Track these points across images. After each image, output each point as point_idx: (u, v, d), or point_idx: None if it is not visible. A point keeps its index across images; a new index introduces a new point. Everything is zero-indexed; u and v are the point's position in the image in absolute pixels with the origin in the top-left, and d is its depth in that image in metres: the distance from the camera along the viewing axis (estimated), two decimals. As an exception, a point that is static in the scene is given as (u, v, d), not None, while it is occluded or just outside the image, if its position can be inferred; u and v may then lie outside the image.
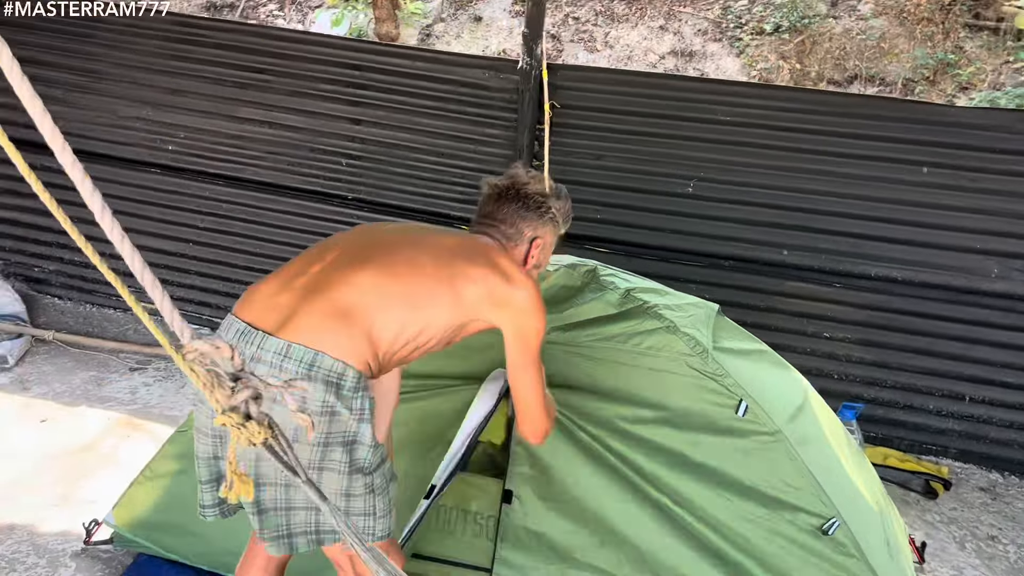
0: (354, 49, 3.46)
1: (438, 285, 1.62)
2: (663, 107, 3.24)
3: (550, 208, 1.86)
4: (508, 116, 3.34)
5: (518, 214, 1.84)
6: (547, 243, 1.89)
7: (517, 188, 1.86)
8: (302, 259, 1.66)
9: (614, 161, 3.32)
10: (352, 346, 1.54)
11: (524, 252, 1.85)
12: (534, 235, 1.84)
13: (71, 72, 3.78)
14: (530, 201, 1.86)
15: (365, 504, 1.64)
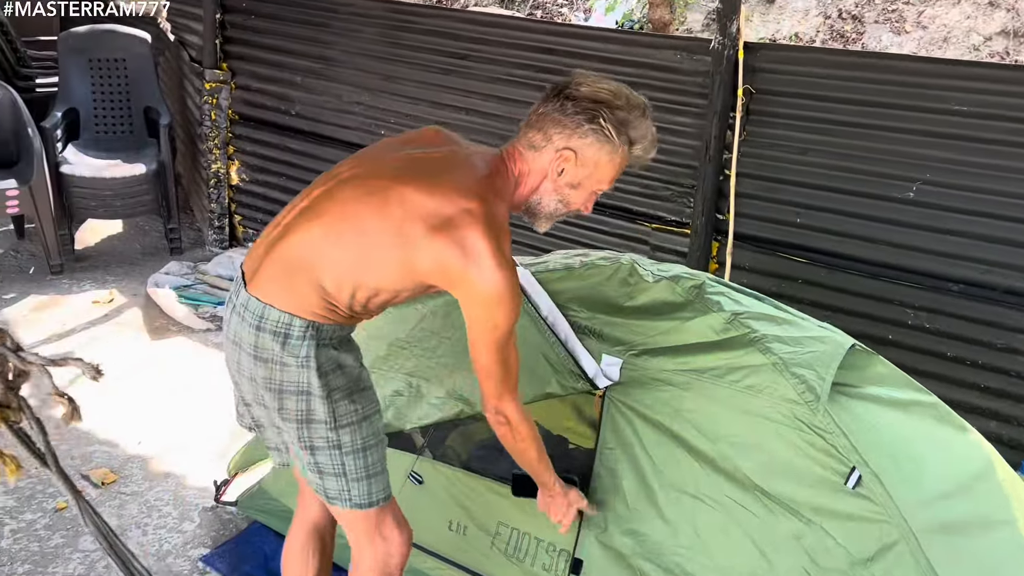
0: (546, 32, 3.31)
1: (384, 251, 1.51)
2: (882, 93, 2.69)
3: (599, 115, 1.49)
4: (699, 102, 2.98)
5: (552, 116, 1.52)
6: (587, 161, 1.52)
7: (566, 85, 1.54)
8: (288, 206, 1.67)
9: (821, 156, 2.83)
10: (299, 299, 1.54)
11: (544, 166, 1.55)
12: (565, 145, 1.51)
13: (309, 59, 4.06)
14: (574, 103, 1.50)
15: (331, 461, 1.61)
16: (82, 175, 4.25)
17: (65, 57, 4.60)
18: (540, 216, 1.62)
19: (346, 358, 1.60)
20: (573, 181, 1.55)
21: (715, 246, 3.07)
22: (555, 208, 1.60)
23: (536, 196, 1.59)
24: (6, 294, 4.04)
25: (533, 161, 1.55)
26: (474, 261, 1.45)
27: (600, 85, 1.53)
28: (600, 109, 1.50)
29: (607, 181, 1.57)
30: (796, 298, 2.94)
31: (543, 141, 1.53)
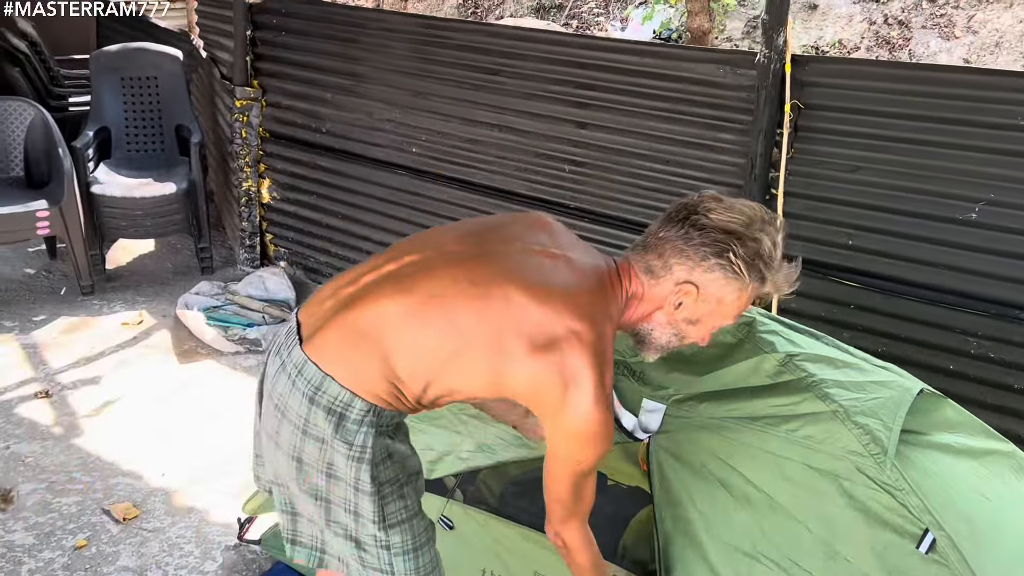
0: (581, 46, 3.18)
1: (474, 355, 1.35)
2: (942, 107, 2.52)
3: (729, 249, 1.33)
4: (743, 118, 2.83)
5: (675, 243, 1.37)
6: (710, 297, 1.38)
7: (693, 209, 1.38)
8: (371, 260, 1.51)
9: (874, 175, 2.66)
10: (364, 377, 1.37)
11: (660, 295, 1.40)
12: (687, 279, 1.37)
13: (339, 75, 3.98)
14: (701, 232, 1.35)
15: (379, 562, 1.47)
16: (112, 195, 4.21)
17: (97, 76, 4.58)
18: (650, 347, 1.49)
19: (398, 446, 1.45)
20: (692, 317, 1.41)
21: (761, 269, 2.91)
22: (668, 341, 1.46)
23: (648, 325, 1.45)
24: (37, 316, 4.01)
25: (649, 288, 1.41)
26: (573, 393, 1.32)
27: (732, 213, 1.37)
28: (731, 242, 1.34)
29: (733, 317, 1.43)
30: (849, 324, 2.78)
31: (662, 270, 1.39)
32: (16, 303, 4.12)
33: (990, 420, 2.53)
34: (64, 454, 2.93)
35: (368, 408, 1.38)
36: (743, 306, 1.42)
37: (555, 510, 1.45)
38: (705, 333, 1.46)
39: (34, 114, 4.21)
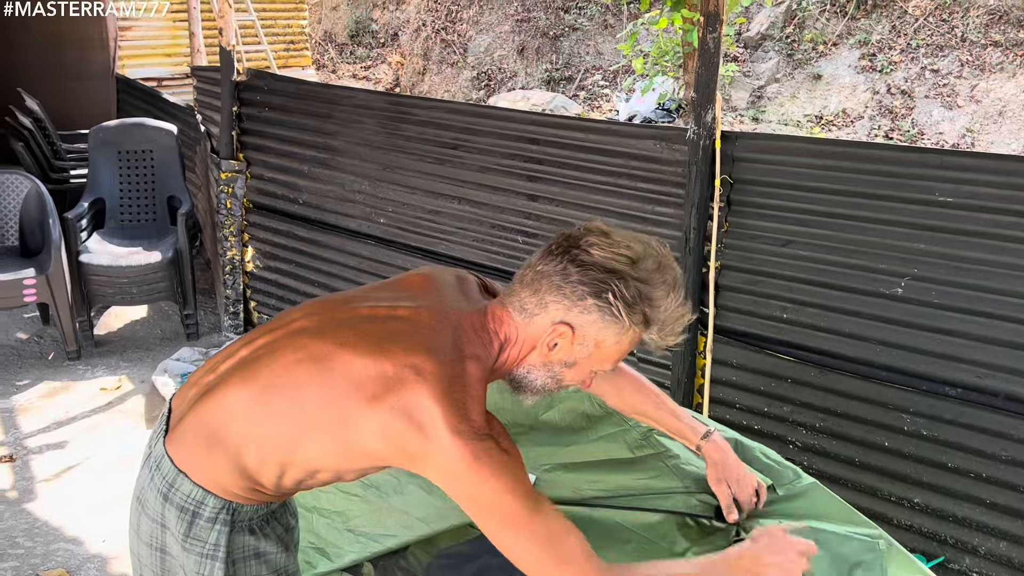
0: (531, 122, 3.27)
1: (321, 429, 1.28)
2: (866, 183, 2.53)
3: (607, 290, 1.23)
4: (678, 192, 2.87)
5: (552, 279, 1.26)
6: (587, 340, 1.27)
7: (575, 243, 1.28)
8: (234, 343, 1.47)
9: (805, 249, 2.67)
10: (216, 474, 1.33)
11: (535, 335, 1.30)
12: (562, 319, 1.26)
13: (315, 149, 4.12)
14: (580, 269, 1.25)
15: None
16: (100, 263, 4.37)
17: (95, 150, 4.79)
18: (527, 390, 1.37)
19: (267, 545, 1.37)
20: (568, 359, 1.31)
21: (701, 340, 2.91)
22: (544, 384, 1.35)
23: (523, 368, 1.34)
24: (22, 380, 4.14)
25: (523, 328, 1.30)
26: (431, 430, 1.19)
27: (617, 250, 1.27)
28: (611, 281, 1.24)
29: (612, 361, 1.32)
30: (787, 398, 2.75)
31: (537, 308, 1.28)
32: (3, 367, 4.25)
33: (930, 501, 2.49)
34: (14, 519, 2.99)
35: (222, 505, 1.33)
36: (625, 350, 1.32)
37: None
38: (584, 376, 1.35)
39: (30, 186, 4.41)
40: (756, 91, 8.45)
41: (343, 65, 12.67)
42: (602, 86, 9.04)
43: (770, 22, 9.02)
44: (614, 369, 1.37)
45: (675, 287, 1.29)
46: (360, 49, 12.99)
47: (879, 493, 2.60)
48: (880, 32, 8.46)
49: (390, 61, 12.38)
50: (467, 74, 10.69)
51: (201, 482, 1.33)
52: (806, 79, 8.30)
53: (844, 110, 7.96)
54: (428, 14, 11.93)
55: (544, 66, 10.22)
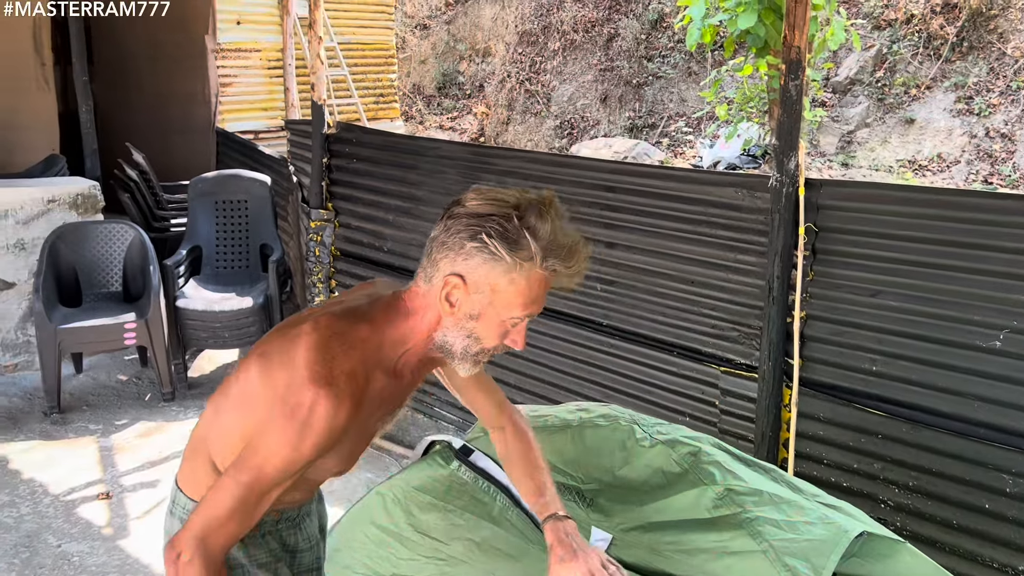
0: (609, 171, 3.28)
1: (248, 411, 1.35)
2: (960, 232, 2.43)
3: (481, 230, 1.26)
4: (760, 240, 2.82)
5: (437, 240, 1.33)
6: (480, 286, 1.30)
7: (455, 202, 1.34)
8: None
9: (895, 299, 2.57)
10: (199, 480, 1.44)
11: (436, 297, 1.33)
12: (450, 270, 1.30)
13: (400, 198, 4.22)
14: (456, 220, 1.30)
15: None
16: (195, 308, 4.55)
17: (194, 200, 5.03)
18: (454, 357, 1.40)
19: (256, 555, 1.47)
20: (472, 311, 1.33)
21: (787, 392, 2.83)
22: (466, 345, 1.37)
23: (439, 333, 1.37)
24: (120, 420, 4.31)
25: (428, 294, 1.35)
26: (285, 367, 1.28)
27: (491, 196, 1.32)
28: (484, 223, 1.27)
29: (519, 306, 1.32)
30: (877, 455, 2.64)
31: (432, 270, 1.34)
32: (104, 407, 4.45)
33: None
34: (107, 555, 3.10)
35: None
36: (529, 293, 1.31)
37: (196, 517, 1.29)
38: (498, 330, 1.35)
39: (134, 235, 4.65)
40: (845, 136, 8.27)
41: (430, 116, 13.02)
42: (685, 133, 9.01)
43: (859, 66, 8.86)
44: (529, 316, 1.35)
45: (558, 219, 1.31)
46: (447, 100, 13.33)
47: (979, 559, 2.45)
48: (977, 75, 8.20)
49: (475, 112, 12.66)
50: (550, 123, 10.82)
51: (191, 495, 1.45)
52: (898, 123, 8.08)
53: (939, 155, 7.70)
54: (513, 65, 12.17)
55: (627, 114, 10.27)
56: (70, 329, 4.22)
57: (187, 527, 1.29)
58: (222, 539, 1.29)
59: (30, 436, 4.07)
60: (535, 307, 1.34)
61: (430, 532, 1.97)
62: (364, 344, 1.34)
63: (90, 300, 4.58)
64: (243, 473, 1.27)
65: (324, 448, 1.28)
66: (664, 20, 10.84)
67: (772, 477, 1.69)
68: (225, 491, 1.28)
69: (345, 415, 1.27)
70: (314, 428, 1.25)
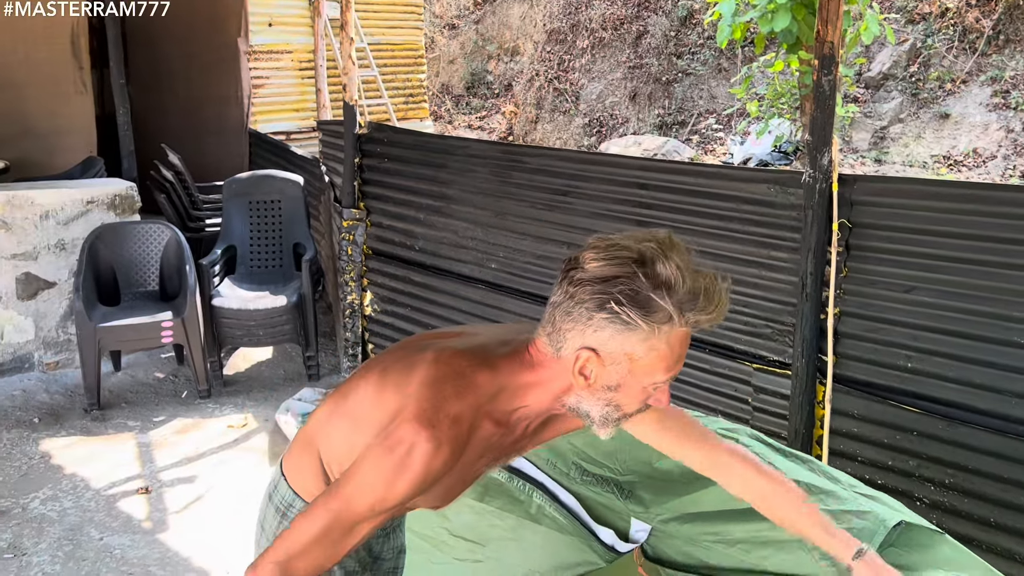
0: (640, 168, 3.28)
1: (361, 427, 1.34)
2: (996, 227, 2.41)
3: (609, 299, 1.17)
4: (793, 236, 2.81)
5: (562, 307, 1.23)
6: (616, 358, 1.21)
7: (573, 263, 1.24)
8: None
9: (930, 295, 2.56)
10: (304, 478, 1.45)
11: (566, 368, 1.25)
12: (582, 343, 1.21)
13: (431, 197, 4.26)
14: (579, 287, 1.20)
15: None
16: (230, 307, 4.62)
17: (228, 200, 5.11)
18: (593, 423, 1.32)
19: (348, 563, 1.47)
20: (610, 383, 1.24)
21: (820, 390, 2.82)
22: (605, 413, 1.29)
23: (573, 400, 1.30)
24: (157, 416, 4.40)
25: (555, 363, 1.27)
26: (398, 393, 1.27)
27: (613, 253, 1.20)
28: (611, 288, 1.17)
29: (662, 371, 1.23)
30: (913, 452, 2.62)
31: (559, 340, 1.24)
32: (142, 404, 4.54)
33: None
34: (148, 548, 3.16)
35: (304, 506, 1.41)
36: (671, 355, 1.22)
37: (280, 544, 1.26)
38: (641, 395, 1.27)
39: (170, 235, 4.74)
40: (878, 132, 8.18)
41: (459, 116, 13.08)
42: (715, 130, 8.97)
43: (892, 61, 8.76)
44: (673, 377, 1.28)
45: (685, 261, 1.21)
46: (475, 100, 13.38)
47: (1018, 557, 2.43)
48: (1014, 68, 8.07)
49: (504, 111, 12.69)
50: (579, 121, 10.82)
51: (295, 486, 1.45)
52: (932, 118, 7.98)
53: (975, 150, 7.60)
54: (541, 64, 12.19)
55: (656, 111, 10.24)
56: (109, 328, 4.31)
57: (270, 550, 1.27)
58: (304, 566, 1.25)
59: (71, 432, 4.16)
60: (679, 366, 1.26)
61: (466, 535, 2.00)
62: (479, 390, 1.28)
63: (128, 299, 4.66)
64: (333, 501, 1.25)
65: (417, 490, 1.25)
66: (693, 16, 10.80)
67: (809, 467, 1.70)
68: (313, 518, 1.25)
69: (442, 461, 1.23)
70: (409, 469, 1.21)
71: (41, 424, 4.24)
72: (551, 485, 1.93)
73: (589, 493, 1.89)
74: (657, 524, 1.73)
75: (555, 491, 1.92)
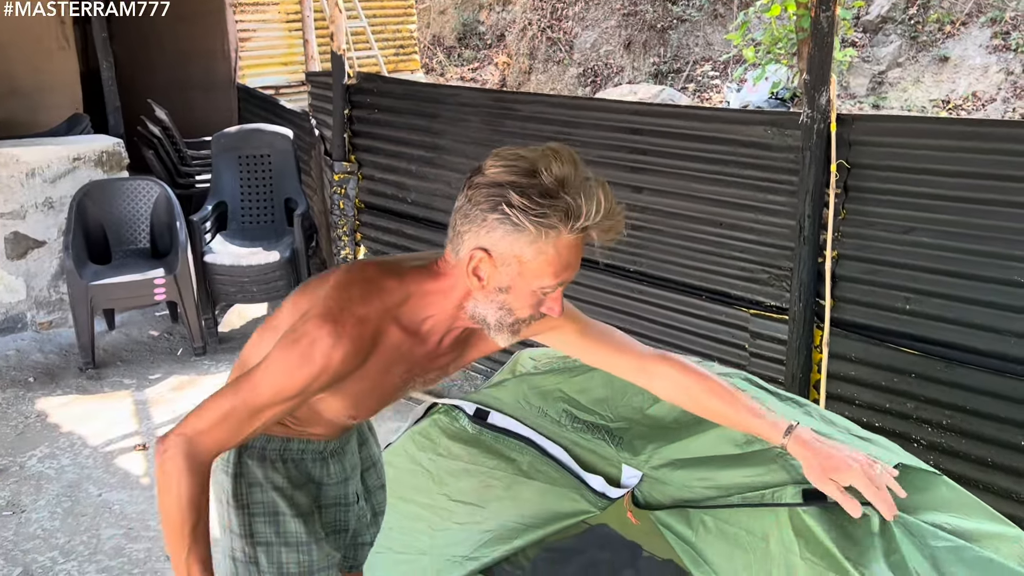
0: (634, 112, 3.22)
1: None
2: (996, 164, 2.36)
3: (501, 201, 1.22)
4: (791, 179, 2.76)
5: (460, 212, 1.30)
6: (506, 259, 1.26)
7: (476, 170, 1.30)
8: None
9: (928, 235, 2.52)
10: None
11: (464, 268, 1.30)
12: (476, 244, 1.27)
13: (423, 148, 4.19)
14: (476, 191, 1.26)
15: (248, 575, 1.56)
16: (223, 263, 4.58)
17: (217, 156, 5.03)
18: (490, 328, 1.37)
19: (273, 476, 1.54)
20: (500, 284, 1.30)
21: (818, 334, 2.80)
22: (499, 317, 1.34)
23: (471, 304, 1.36)
24: (153, 374, 4.38)
25: (457, 270, 1.33)
26: (309, 297, 1.37)
27: (509, 161, 1.26)
28: (505, 192, 1.22)
29: (550, 275, 1.28)
30: (910, 394, 2.61)
31: (458, 243, 1.31)
32: (138, 362, 4.52)
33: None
34: (146, 503, 3.17)
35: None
36: (559, 261, 1.27)
37: (189, 419, 1.34)
38: (531, 300, 1.32)
39: (159, 191, 4.67)
40: (876, 77, 8.06)
41: (451, 68, 12.88)
42: (711, 77, 8.83)
43: (891, 4, 8.60)
44: (560, 284, 1.32)
45: (580, 179, 1.25)
46: (467, 51, 13.17)
47: (1015, 496, 2.43)
48: (1015, 8, 7.92)
49: (497, 62, 12.50)
50: (573, 71, 10.66)
51: None
52: (931, 62, 7.86)
53: (974, 93, 7.50)
54: (534, 13, 11.97)
55: (651, 59, 10.09)
56: (101, 286, 4.27)
57: (179, 425, 1.34)
58: (208, 443, 1.33)
59: (67, 391, 4.15)
60: (568, 274, 1.31)
61: (465, 499, 1.99)
62: (385, 295, 1.35)
63: (119, 257, 4.62)
64: (241, 386, 1.32)
65: (319, 384, 1.31)
66: (688, -39, 10.57)
67: (805, 411, 1.67)
68: (221, 399, 1.33)
69: (342, 355, 1.29)
70: (309, 361, 1.28)
71: (36, 383, 4.22)
72: (540, 440, 1.92)
73: (580, 440, 1.88)
74: (648, 471, 1.71)
75: (544, 445, 1.91)
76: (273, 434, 1.53)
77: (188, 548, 1.35)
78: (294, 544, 1.55)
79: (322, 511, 1.64)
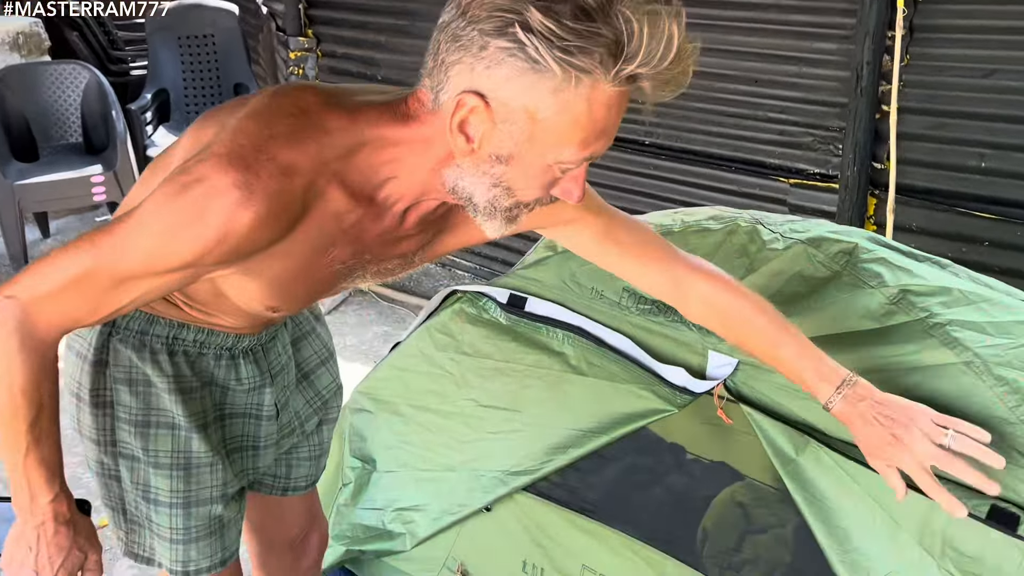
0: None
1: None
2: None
3: (518, 19, 0.79)
4: (846, 23, 2.38)
5: (448, 29, 0.85)
6: (510, 111, 0.84)
7: None
8: None
9: (1013, 78, 2.17)
10: None
11: (447, 120, 0.86)
12: (468, 84, 0.84)
13: (392, 15, 3.71)
14: (474, 10, 0.82)
15: (108, 492, 1.20)
16: (169, 157, 4.07)
17: (153, 37, 4.47)
18: (477, 211, 0.94)
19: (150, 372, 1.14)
20: (499, 151, 0.87)
21: (872, 203, 2.48)
22: (491, 197, 0.92)
23: (453, 173, 0.92)
24: (98, 284, 3.92)
25: (436, 116, 0.89)
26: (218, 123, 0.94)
27: None
28: (521, 7, 0.79)
29: (576, 144, 0.86)
30: (984, 266, 2.27)
31: (440, 78, 0.87)
32: (79, 272, 4.04)
33: None
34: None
35: None
36: (591, 122, 0.85)
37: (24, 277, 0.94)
38: (537, 177, 0.90)
39: (89, 77, 4.11)
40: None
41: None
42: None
43: None
44: (587, 159, 0.90)
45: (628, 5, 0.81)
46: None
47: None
48: None
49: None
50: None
51: None
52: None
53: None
54: None
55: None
56: (28, 185, 3.76)
57: (8, 283, 0.93)
58: (52, 314, 0.93)
59: None
60: (600, 144, 0.88)
61: (498, 403, 1.65)
62: (325, 137, 0.91)
63: (48, 153, 4.08)
64: (102, 241, 0.90)
65: (215, 256, 0.89)
66: None
67: (952, 272, 1.33)
68: (73, 254, 0.91)
69: (252, 218, 0.86)
70: (200, 220, 0.86)
71: (-37, 299, 3.74)
72: (594, 328, 1.56)
73: (649, 324, 1.53)
74: (744, 357, 1.37)
75: (599, 334, 1.55)
76: (159, 314, 1.13)
77: (25, 449, 0.99)
78: (167, 466, 1.17)
79: (224, 423, 1.24)
